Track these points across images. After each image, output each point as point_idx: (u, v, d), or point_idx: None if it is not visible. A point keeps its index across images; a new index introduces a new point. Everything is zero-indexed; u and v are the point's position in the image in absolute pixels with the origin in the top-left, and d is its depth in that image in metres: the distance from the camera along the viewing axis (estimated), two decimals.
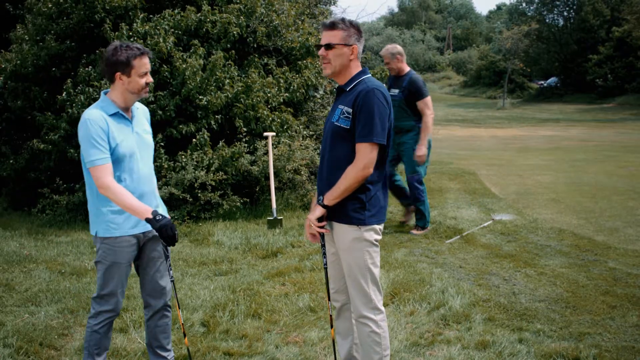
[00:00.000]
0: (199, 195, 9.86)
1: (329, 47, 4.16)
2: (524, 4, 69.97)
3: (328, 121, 4.27)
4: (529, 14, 68.54)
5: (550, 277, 7.29)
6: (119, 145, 4.17)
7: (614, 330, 5.66)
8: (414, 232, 9.47)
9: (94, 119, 4.11)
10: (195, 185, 9.76)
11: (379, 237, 4.24)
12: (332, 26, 4.16)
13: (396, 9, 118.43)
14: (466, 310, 6.09)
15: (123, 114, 4.27)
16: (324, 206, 4.14)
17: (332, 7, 19.46)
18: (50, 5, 11.18)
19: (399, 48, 9.29)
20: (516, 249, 8.56)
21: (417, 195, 9.37)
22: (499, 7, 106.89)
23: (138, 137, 4.36)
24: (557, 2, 64.99)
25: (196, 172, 9.72)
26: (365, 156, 3.97)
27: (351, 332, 4.52)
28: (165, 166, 9.91)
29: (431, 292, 6.56)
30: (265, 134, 9.65)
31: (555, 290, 6.81)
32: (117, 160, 4.19)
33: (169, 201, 9.49)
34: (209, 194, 9.96)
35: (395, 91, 9.20)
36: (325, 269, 4.50)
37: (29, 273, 7.49)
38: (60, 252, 8.46)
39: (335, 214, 4.16)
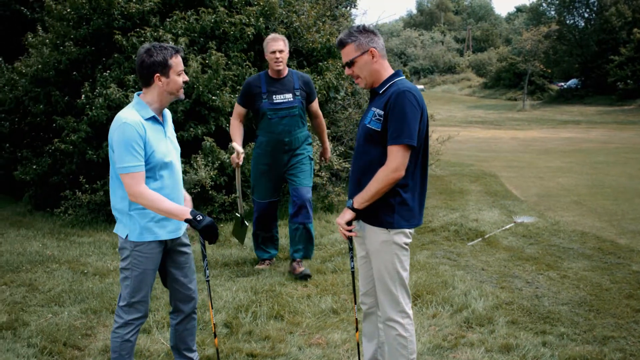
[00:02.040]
0: (213, 195, 9.85)
1: (350, 64, 4.18)
2: (544, 5, 69.66)
3: (361, 123, 4.26)
4: (550, 15, 68.22)
5: (574, 280, 7.25)
6: (155, 151, 4.09)
7: (639, 334, 5.61)
8: (302, 269, 7.40)
9: (132, 123, 4.00)
10: (206, 186, 9.70)
11: (409, 241, 4.21)
12: (341, 45, 4.19)
13: (414, 11, 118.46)
14: (489, 313, 6.06)
15: (158, 118, 4.18)
16: (353, 209, 4.13)
17: (353, 10, 19.43)
18: (69, 10, 11.23)
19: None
20: (538, 252, 8.52)
21: (308, 215, 7.51)
22: (518, 9, 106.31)
23: (170, 142, 4.30)
24: (578, 4, 64.61)
25: (199, 173, 9.64)
26: (396, 159, 3.93)
27: (376, 335, 4.51)
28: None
29: (454, 295, 6.54)
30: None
31: (578, 293, 6.77)
32: (154, 167, 4.11)
33: None
34: (224, 197, 9.97)
35: (288, 96, 7.31)
36: (352, 272, 4.49)
37: (51, 273, 7.52)
38: (83, 252, 8.50)
39: (366, 215, 4.15)
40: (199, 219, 4.06)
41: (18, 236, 9.49)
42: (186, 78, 4.23)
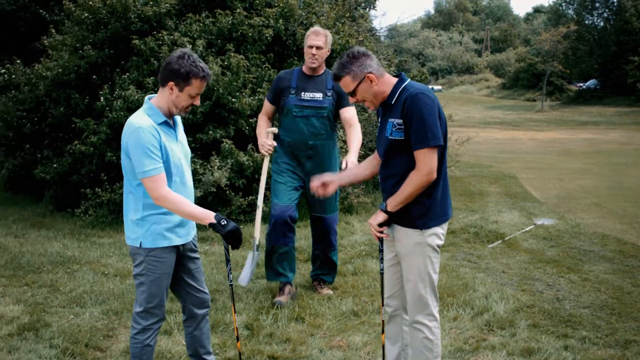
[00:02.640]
0: (230, 196, 9.87)
1: (352, 94, 4.20)
2: (563, 5, 69.33)
3: (381, 136, 4.26)
4: (569, 15, 67.86)
5: (595, 283, 7.21)
6: (169, 156, 4.03)
7: None
8: (327, 291, 6.86)
9: (146, 127, 3.92)
10: (222, 185, 9.71)
11: (441, 243, 4.25)
12: (337, 79, 4.19)
13: (433, 11, 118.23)
14: (510, 316, 6.04)
15: (169, 122, 4.11)
16: (386, 212, 4.15)
17: (372, 11, 19.44)
18: (87, 14, 11.28)
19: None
20: (559, 254, 8.49)
21: (334, 241, 6.93)
22: (536, 10, 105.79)
23: (182, 145, 4.25)
24: (597, 4, 64.23)
25: (215, 173, 9.64)
26: (427, 162, 3.95)
27: (400, 338, 4.51)
28: (201, 171, 9.88)
29: (475, 297, 6.52)
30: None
31: (600, 296, 6.73)
32: (168, 172, 4.03)
33: (203, 204, 9.47)
34: (240, 199, 10.00)
35: (318, 95, 6.57)
36: (382, 274, 4.49)
37: (73, 274, 7.56)
38: (103, 253, 8.53)
39: (398, 217, 4.16)
40: (223, 223, 4.00)
41: (39, 237, 9.55)
42: (198, 103, 4.14)
